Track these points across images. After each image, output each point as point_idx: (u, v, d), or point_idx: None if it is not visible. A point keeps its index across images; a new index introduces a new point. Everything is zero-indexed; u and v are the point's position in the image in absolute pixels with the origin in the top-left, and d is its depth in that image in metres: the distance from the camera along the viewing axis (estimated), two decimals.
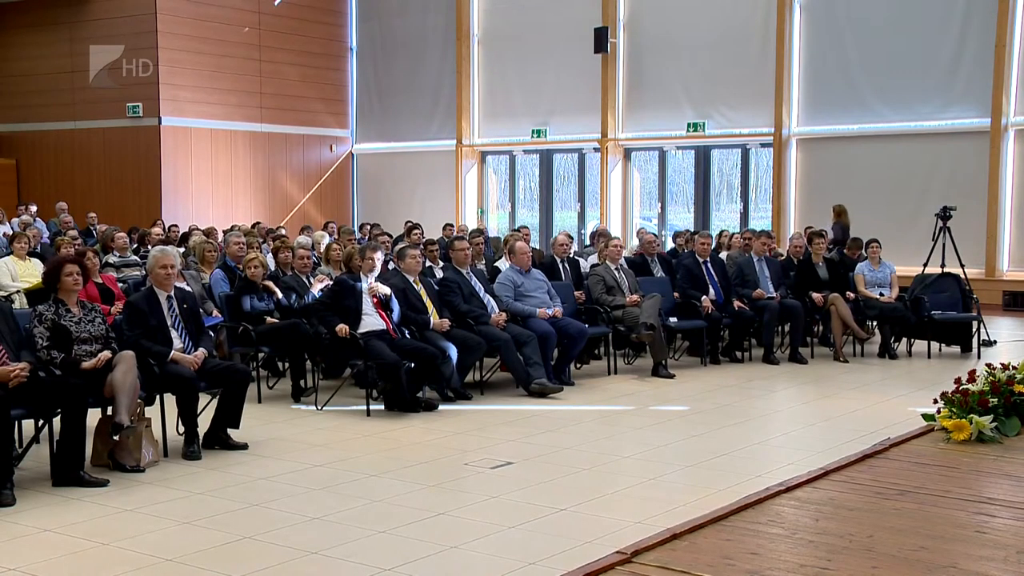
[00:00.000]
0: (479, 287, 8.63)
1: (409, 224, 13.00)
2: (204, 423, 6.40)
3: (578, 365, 9.42)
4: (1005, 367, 5.00)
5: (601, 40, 17.76)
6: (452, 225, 15.61)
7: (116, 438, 5.85)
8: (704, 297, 9.90)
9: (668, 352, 9.62)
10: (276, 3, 19.31)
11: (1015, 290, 14.48)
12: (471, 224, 18.29)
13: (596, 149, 18.54)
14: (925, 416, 4.94)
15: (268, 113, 19.48)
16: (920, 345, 10.51)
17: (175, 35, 17.93)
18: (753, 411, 8.02)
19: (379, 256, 8.13)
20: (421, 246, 10.00)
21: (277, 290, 8.39)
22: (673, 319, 9.74)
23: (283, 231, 13.80)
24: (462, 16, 19.51)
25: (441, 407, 7.73)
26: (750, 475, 5.77)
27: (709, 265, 10.28)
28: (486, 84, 19.69)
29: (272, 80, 19.46)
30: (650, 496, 5.52)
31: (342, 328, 7.53)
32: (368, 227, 14.70)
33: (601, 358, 9.86)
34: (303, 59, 19.95)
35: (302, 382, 8.17)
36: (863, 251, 11.31)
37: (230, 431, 6.48)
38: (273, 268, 9.25)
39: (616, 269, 9.79)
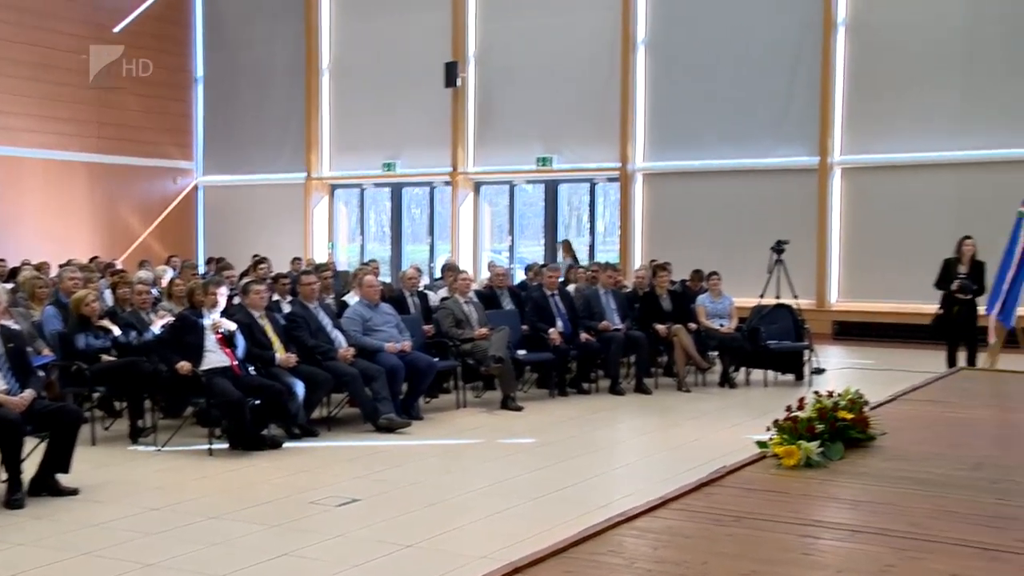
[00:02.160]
0: (327, 321, 8.52)
1: (256, 258, 12.75)
2: (32, 468, 6.08)
3: (427, 399, 9.38)
4: (830, 394, 5.23)
5: (451, 74, 17.91)
6: (300, 259, 15.38)
7: None
8: (552, 329, 10.03)
9: (517, 385, 9.69)
10: (116, 30, 18.70)
11: (844, 320, 15.23)
12: (321, 258, 18.06)
13: (447, 183, 18.63)
14: (758, 443, 5.11)
15: (107, 143, 18.79)
16: (757, 374, 10.93)
17: (7, 60, 17.15)
18: (599, 442, 8.16)
19: (223, 291, 7.95)
20: (269, 280, 9.82)
21: (114, 327, 8.07)
22: (522, 352, 9.84)
23: (118, 265, 13.28)
24: (311, 48, 19.37)
25: (287, 444, 7.57)
26: (594, 506, 5.86)
27: (557, 298, 10.44)
28: (336, 117, 19.57)
29: (112, 110, 18.80)
30: (496, 530, 5.54)
31: (183, 365, 7.32)
32: (214, 261, 14.33)
33: (450, 392, 9.85)
34: (145, 88, 19.35)
35: (140, 422, 7.87)
36: (704, 283, 11.72)
37: (59, 476, 6.17)
38: (111, 304, 8.91)
39: (465, 302, 9.83)
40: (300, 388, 7.73)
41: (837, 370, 11.80)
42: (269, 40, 19.74)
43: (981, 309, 10.27)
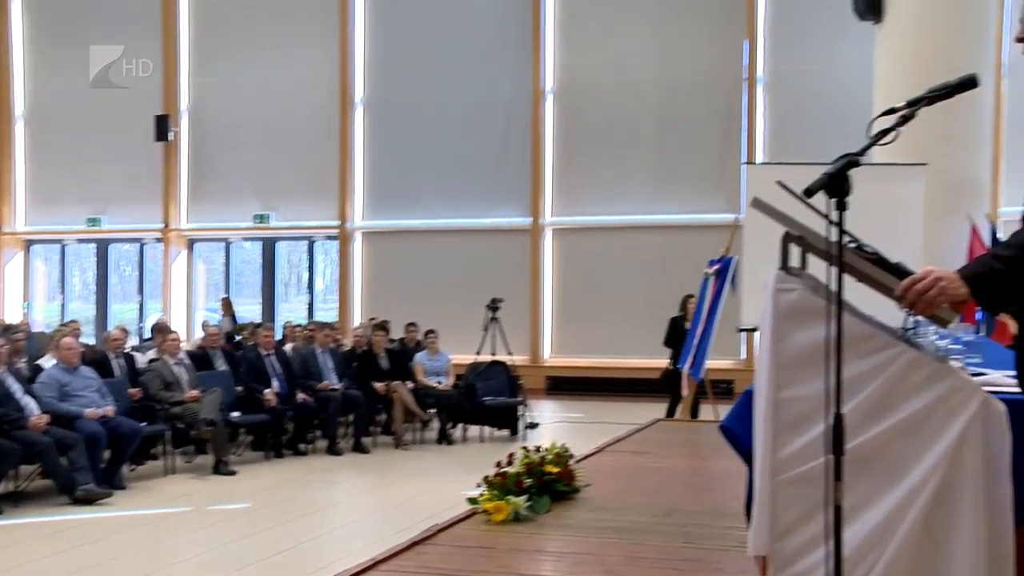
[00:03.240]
0: (16, 387, 7.88)
1: None
2: None
3: (132, 467, 8.87)
4: (538, 449, 5.43)
5: (163, 128, 17.29)
6: None
7: None
8: (267, 390, 9.82)
9: (230, 448, 9.37)
10: None
11: (556, 375, 15.88)
12: (14, 318, 16.72)
13: (158, 239, 17.88)
14: (470, 500, 5.21)
15: None
16: (474, 430, 11.14)
17: None
18: (316, 504, 8.01)
19: None
20: None
21: None
22: (236, 413, 9.55)
23: None
24: (3, 94, 18.07)
25: None
26: (309, 570, 5.73)
27: (273, 358, 10.25)
28: (33, 168, 18.34)
29: None
30: None
31: None
32: None
33: (158, 458, 9.36)
34: None
35: None
36: (420, 338, 11.90)
37: None
38: None
39: (175, 363, 9.44)
40: None
41: (550, 424, 12.23)
42: None
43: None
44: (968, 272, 2.43)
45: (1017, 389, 2.59)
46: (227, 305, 15.71)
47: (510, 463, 5.26)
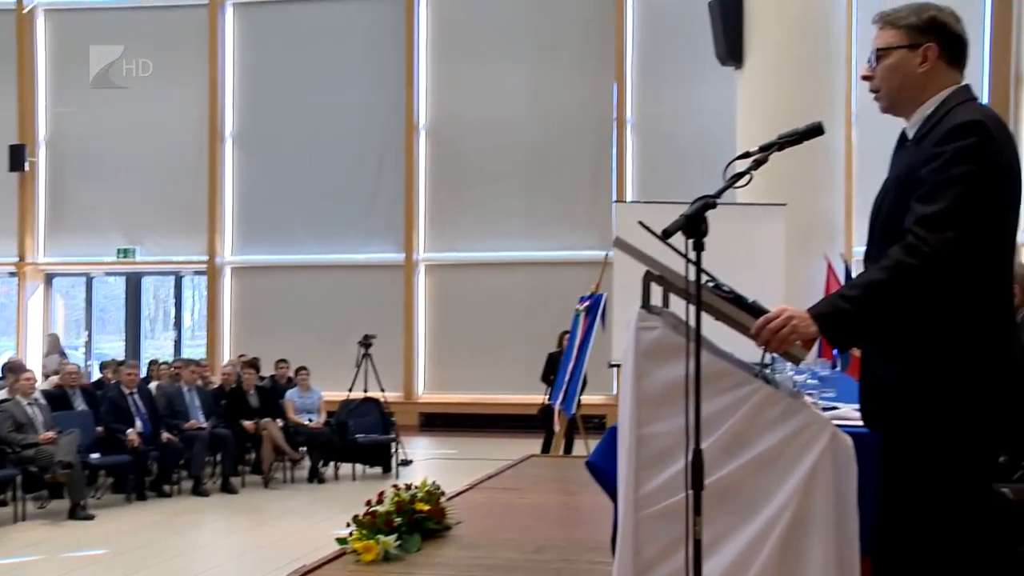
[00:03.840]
0: None
1: None
2: None
3: None
4: (408, 487, 5.40)
5: (18, 158, 16.62)
6: None
7: None
8: (130, 430, 9.51)
9: (88, 492, 9.02)
10: None
11: (429, 411, 15.80)
12: None
13: (12, 274, 17.12)
14: (339, 540, 5.14)
15: None
16: (346, 467, 10.99)
17: None
18: (180, 547, 7.77)
19: None
20: None
21: None
22: (95, 455, 9.21)
23: None
24: None
25: None
26: None
27: (136, 396, 9.94)
28: None
29: None
30: None
31: None
32: None
33: (7, 504, 8.93)
34: None
35: None
36: (291, 375, 11.71)
37: None
38: None
39: (28, 404, 9.06)
40: None
41: (423, 460, 12.15)
42: None
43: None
44: (817, 311, 2.54)
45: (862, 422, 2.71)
46: (54, 342, 15.28)
47: (380, 501, 5.20)
